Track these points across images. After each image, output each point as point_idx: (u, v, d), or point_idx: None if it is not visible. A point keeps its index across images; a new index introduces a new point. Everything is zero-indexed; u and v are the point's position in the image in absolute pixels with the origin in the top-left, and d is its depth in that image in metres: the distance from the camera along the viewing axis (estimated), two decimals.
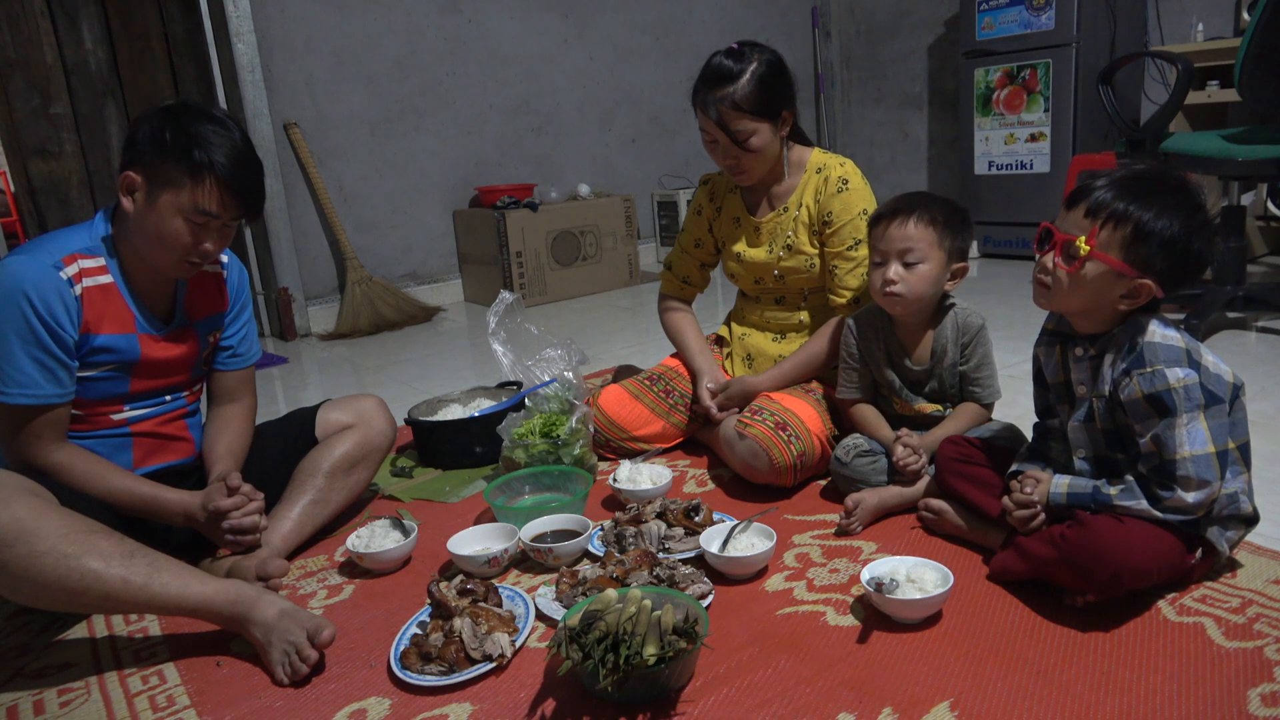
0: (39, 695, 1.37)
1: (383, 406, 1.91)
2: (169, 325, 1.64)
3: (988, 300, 3.49)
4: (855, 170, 2.01)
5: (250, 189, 1.52)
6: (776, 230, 2.05)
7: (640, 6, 4.78)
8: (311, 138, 3.87)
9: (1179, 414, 1.27)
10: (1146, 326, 1.32)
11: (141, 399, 1.64)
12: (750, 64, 1.84)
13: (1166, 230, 1.27)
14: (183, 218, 1.48)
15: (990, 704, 1.17)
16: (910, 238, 1.68)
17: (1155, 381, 1.28)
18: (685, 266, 2.24)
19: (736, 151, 1.91)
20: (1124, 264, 1.29)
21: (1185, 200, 1.29)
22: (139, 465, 1.65)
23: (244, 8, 3.61)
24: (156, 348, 1.61)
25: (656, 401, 2.15)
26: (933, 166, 5.24)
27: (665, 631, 1.19)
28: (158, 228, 1.49)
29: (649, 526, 1.63)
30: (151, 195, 1.48)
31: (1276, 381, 2.33)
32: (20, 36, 3.36)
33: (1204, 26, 3.85)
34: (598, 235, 4.33)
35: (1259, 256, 3.84)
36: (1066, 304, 1.37)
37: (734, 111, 1.86)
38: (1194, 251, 1.29)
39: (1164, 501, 1.29)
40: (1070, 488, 1.38)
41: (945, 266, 1.71)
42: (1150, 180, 1.31)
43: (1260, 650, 1.23)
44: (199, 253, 1.53)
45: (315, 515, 1.76)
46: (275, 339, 3.95)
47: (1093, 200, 1.31)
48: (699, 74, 1.91)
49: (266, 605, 1.35)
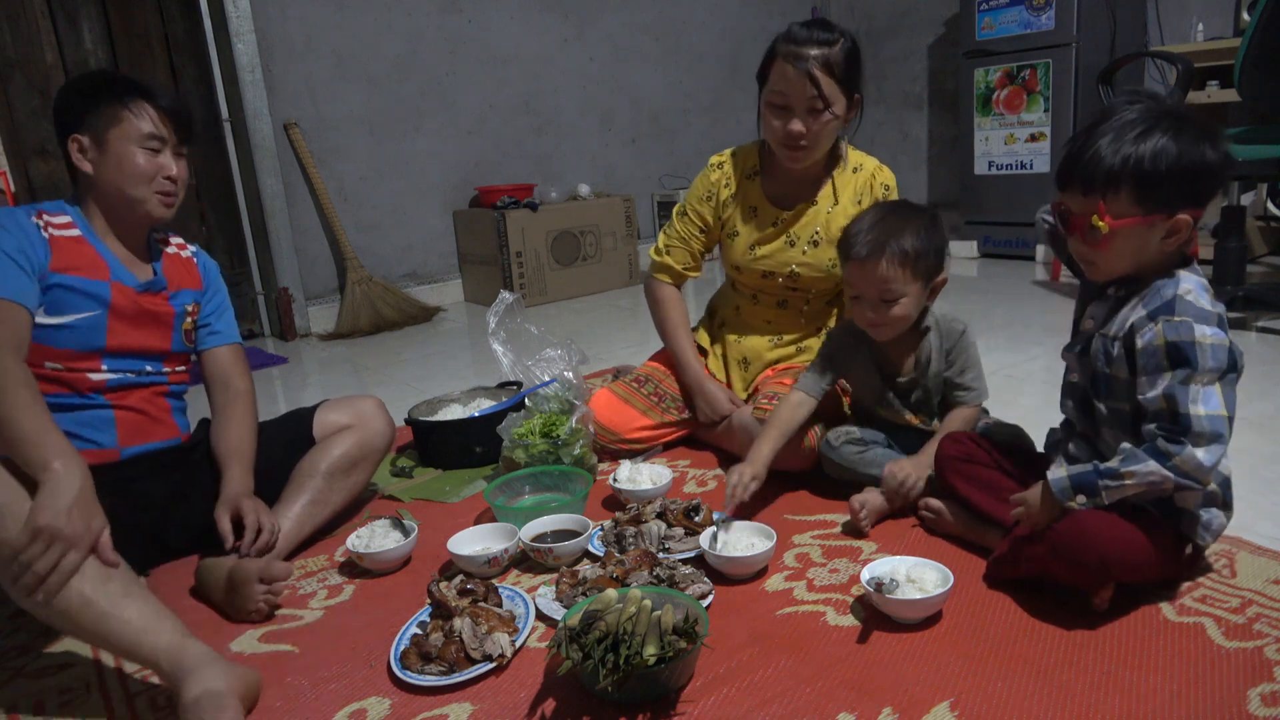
0: (39, 695, 1.37)
1: (381, 407, 1.91)
2: (146, 282, 1.68)
3: (988, 300, 3.49)
4: (891, 175, 2.00)
5: (180, 106, 1.65)
6: (803, 223, 1.98)
7: (640, 6, 4.78)
8: (311, 138, 3.87)
9: (1199, 370, 1.22)
10: (1182, 282, 1.28)
11: (119, 357, 1.64)
12: (842, 36, 1.82)
13: (1166, 161, 1.21)
14: (137, 146, 1.59)
15: (990, 704, 1.17)
16: (884, 279, 1.63)
17: (1181, 331, 1.23)
18: (684, 256, 2.12)
19: (809, 120, 1.82)
20: (1147, 217, 1.25)
21: (1168, 120, 1.23)
22: (125, 445, 1.65)
23: (244, 8, 3.61)
24: (132, 298, 1.64)
25: (648, 405, 2.14)
26: (933, 166, 5.24)
27: (665, 631, 1.19)
28: (119, 167, 1.59)
29: (649, 526, 1.63)
30: (101, 143, 1.58)
31: (1276, 381, 2.33)
32: (20, 36, 3.36)
33: (1204, 26, 3.85)
34: (598, 235, 4.33)
35: (1259, 256, 3.84)
36: (1117, 270, 1.33)
37: (825, 73, 1.80)
38: (1205, 161, 1.23)
39: (1174, 459, 1.21)
40: (1070, 472, 1.31)
41: (924, 289, 1.68)
42: (1127, 119, 1.25)
43: (1260, 650, 1.23)
44: (166, 178, 1.62)
45: (314, 515, 1.76)
46: (275, 339, 3.95)
47: (1083, 175, 1.26)
48: (784, 33, 1.85)
49: (194, 684, 1.22)
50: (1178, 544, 1.36)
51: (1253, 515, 1.62)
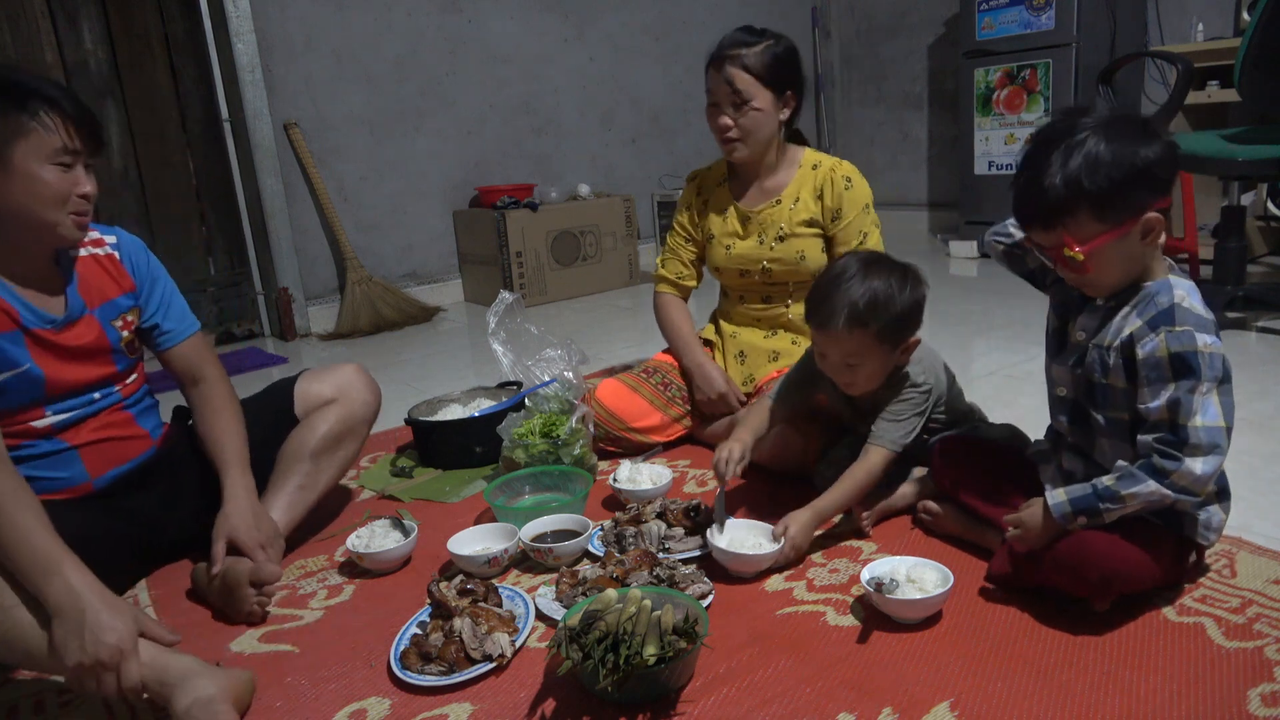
0: (39, 695, 1.37)
1: (362, 373, 1.87)
2: (63, 316, 1.49)
3: (988, 300, 3.49)
4: (853, 168, 2.09)
5: (88, 112, 1.42)
6: (768, 221, 2.09)
7: (640, 6, 4.77)
8: (311, 138, 3.87)
9: (1202, 379, 1.21)
10: (1175, 290, 1.26)
11: (63, 399, 1.50)
12: (767, 40, 1.98)
13: (1106, 171, 1.19)
14: (48, 163, 1.37)
15: (990, 704, 1.17)
16: (842, 346, 1.57)
17: (1184, 341, 1.22)
18: (676, 266, 2.25)
19: (735, 114, 1.96)
20: (1116, 228, 1.22)
21: (1095, 130, 1.21)
22: (97, 475, 1.55)
23: (244, 8, 3.61)
24: (53, 342, 1.47)
25: (655, 394, 2.17)
26: (933, 166, 5.24)
27: (665, 631, 1.19)
28: (26, 188, 1.36)
29: (649, 526, 1.63)
30: (3, 160, 1.35)
31: (1276, 381, 2.33)
32: (20, 36, 3.35)
33: (1204, 26, 3.85)
34: (598, 235, 4.33)
35: (1259, 256, 3.84)
36: (1114, 284, 1.30)
37: (743, 71, 1.94)
38: (1142, 155, 1.20)
39: (1171, 476, 1.21)
40: (1070, 494, 1.30)
41: (891, 353, 1.60)
42: (1056, 143, 1.23)
43: (1260, 650, 1.23)
44: (81, 196, 1.42)
45: (304, 500, 1.74)
46: (275, 339, 3.95)
47: (1037, 212, 1.25)
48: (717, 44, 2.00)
49: (182, 695, 1.21)
50: (1180, 552, 1.35)
51: (1253, 515, 1.62)
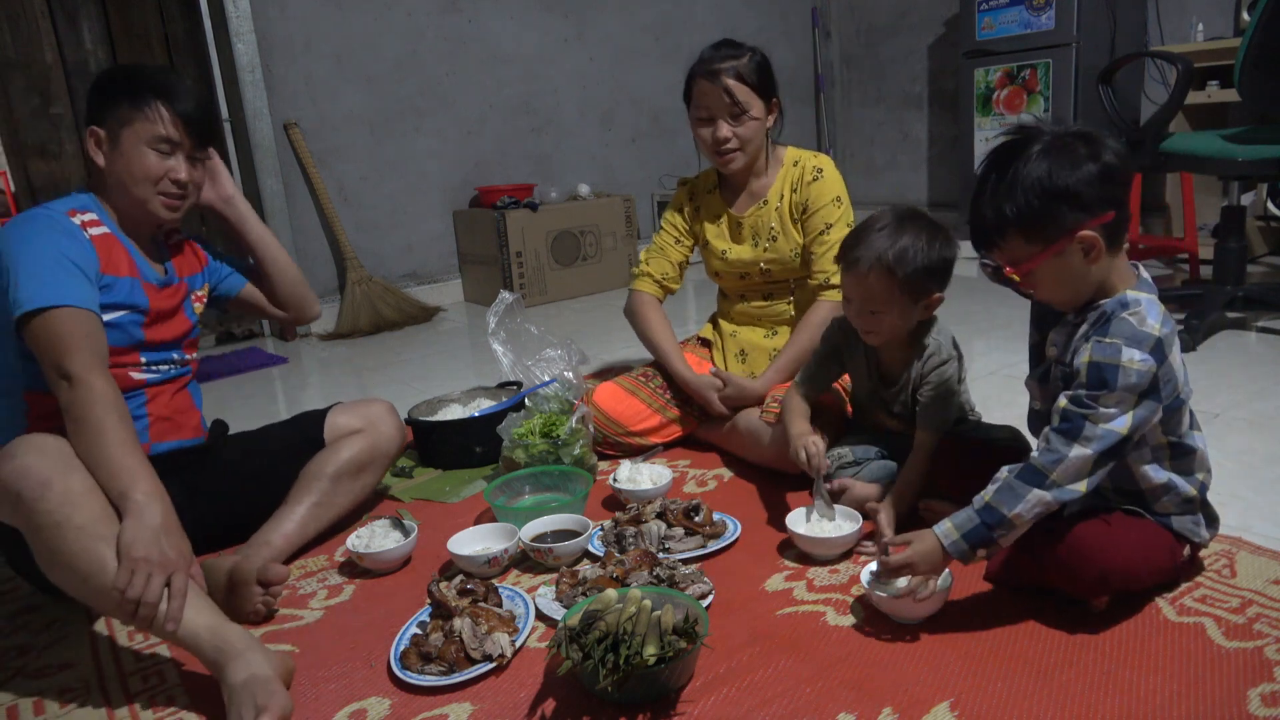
0: (39, 695, 1.37)
1: (392, 412, 1.91)
2: (164, 279, 1.72)
3: (988, 300, 3.49)
4: (829, 161, 2.11)
5: (197, 112, 1.63)
6: (759, 224, 2.11)
7: (640, 6, 4.78)
8: (311, 138, 3.87)
9: (1114, 392, 1.18)
10: (1131, 305, 1.24)
11: (155, 349, 1.68)
12: (749, 51, 2.02)
13: (1031, 192, 1.18)
14: (147, 148, 1.59)
15: (990, 704, 1.17)
16: (867, 289, 1.59)
17: (1107, 353, 1.19)
18: (662, 265, 2.24)
19: (734, 125, 2.00)
20: (1049, 248, 1.22)
21: (1044, 149, 1.20)
22: (156, 441, 1.68)
23: (244, 8, 3.61)
24: (155, 293, 1.67)
25: (652, 396, 2.16)
26: (933, 166, 5.24)
27: (665, 631, 1.19)
28: (128, 167, 1.59)
29: (649, 526, 1.63)
30: (114, 140, 1.59)
31: (1276, 381, 2.33)
32: (20, 36, 3.36)
33: (1204, 26, 3.85)
34: (598, 235, 4.33)
35: (1259, 256, 3.84)
36: (1063, 300, 1.31)
37: (738, 81, 1.97)
38: (1075, 176, 1.18)
39: (1052, 475, 1.20)
40: (959, 526, 1.25)
41: (912, 305, 1.62)
42: (1001, 162, 1.23)
43: (1260, 650, 1.23)
44: (172, 181, 1.62)
45: (318, 517, 1.76)
46: (275, 339, 3.95)
47: (977, 237, 1.27)
48: (698, 58, 2.03)
49: (240, 667, 1.24)
50: (1175, 547, 1.35)
51: (1253, 515, 1.62)
